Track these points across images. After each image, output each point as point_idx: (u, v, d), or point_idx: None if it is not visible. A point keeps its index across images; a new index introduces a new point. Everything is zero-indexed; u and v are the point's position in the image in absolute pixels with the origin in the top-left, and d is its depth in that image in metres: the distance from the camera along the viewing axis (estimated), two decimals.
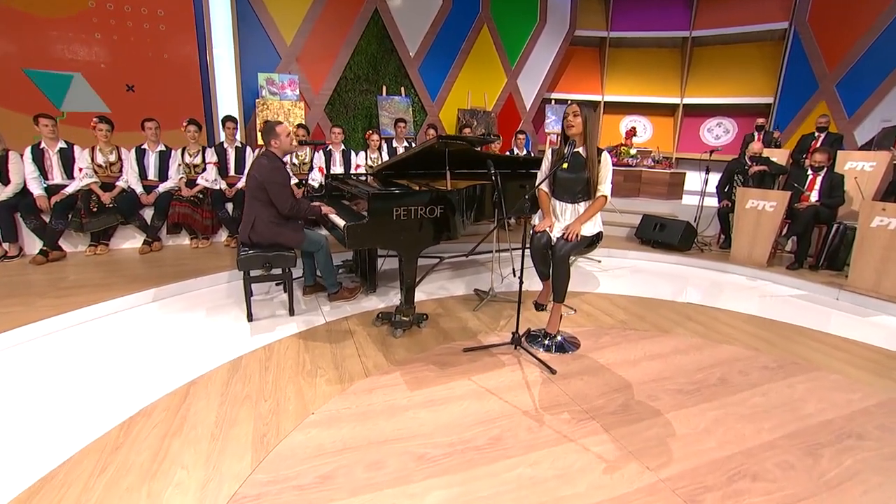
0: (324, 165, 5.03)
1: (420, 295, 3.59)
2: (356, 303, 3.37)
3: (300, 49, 5.84)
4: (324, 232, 3.57)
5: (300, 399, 2.12)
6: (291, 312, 3.08)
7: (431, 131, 5.65)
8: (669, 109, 8.16)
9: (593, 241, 2.59)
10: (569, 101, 7.29)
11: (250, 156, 4.75)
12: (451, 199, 2.84)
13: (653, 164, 6.36)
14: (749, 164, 5.03)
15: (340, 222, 2.95)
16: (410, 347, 2.67)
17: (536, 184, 2.63)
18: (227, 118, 4.61)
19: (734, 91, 7.56)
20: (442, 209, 2.80)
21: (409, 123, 6.13)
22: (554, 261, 2.48)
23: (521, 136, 6.23)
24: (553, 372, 2.39)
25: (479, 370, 2.41)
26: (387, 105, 6.01)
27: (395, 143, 5.64)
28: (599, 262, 4.79)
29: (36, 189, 3.92)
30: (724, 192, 5.31)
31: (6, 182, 3.87)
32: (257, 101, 5.35)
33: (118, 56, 4.88)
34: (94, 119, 4.00)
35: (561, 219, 2.60)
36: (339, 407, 2.06)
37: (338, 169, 5.09)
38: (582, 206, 2.56)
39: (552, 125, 6.98)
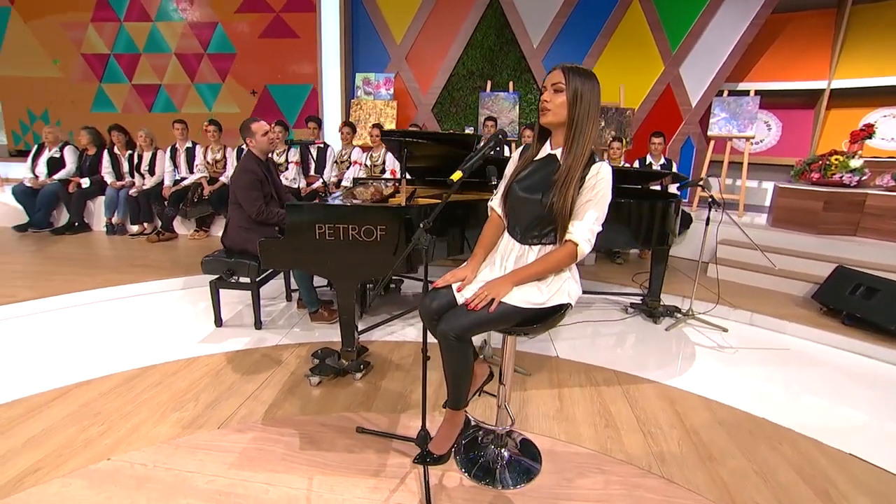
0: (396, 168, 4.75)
1: (413, 332, 2.91)
2: (334, 326, 2.92)
3: (409, 47, 5.67)
4: None
5: (129, 435, 1.81)
6: (258, 326, 2.85)
7: (528, 132, 4.72)
8: None
9: (540, 318, 1.46)
10: (724, 91, 5.15)
11: (332, 155, 4.83)
12: (402, 218, 2.11)
13: (893, 183, 3.83)
14: None
15: None
16: (307, 404, 2.07)
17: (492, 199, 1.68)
18: (310, 119, 4.76)
19: None
20: (383, 231, 2.10)
21: (513, 123, 5.27)
22: (437, 337, 1.43)
23: (657, 140, 4.67)
24: None
25: (339, 468, 1.66)
26: (489, 103, 5.29)
27: None
28: (726, 330, 3.10)
29: (167, 180, 4.80)
30: None
31: (152, 174, 4.86)
32: (352, 101, 5.42)
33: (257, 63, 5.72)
34: (205, 122, 4.64)
35: (498, 265, 1.54)
36: (138, 460, 1.66)
37: None
38: (535, 254, 1.49)
39: (719, 126, 4.98)
